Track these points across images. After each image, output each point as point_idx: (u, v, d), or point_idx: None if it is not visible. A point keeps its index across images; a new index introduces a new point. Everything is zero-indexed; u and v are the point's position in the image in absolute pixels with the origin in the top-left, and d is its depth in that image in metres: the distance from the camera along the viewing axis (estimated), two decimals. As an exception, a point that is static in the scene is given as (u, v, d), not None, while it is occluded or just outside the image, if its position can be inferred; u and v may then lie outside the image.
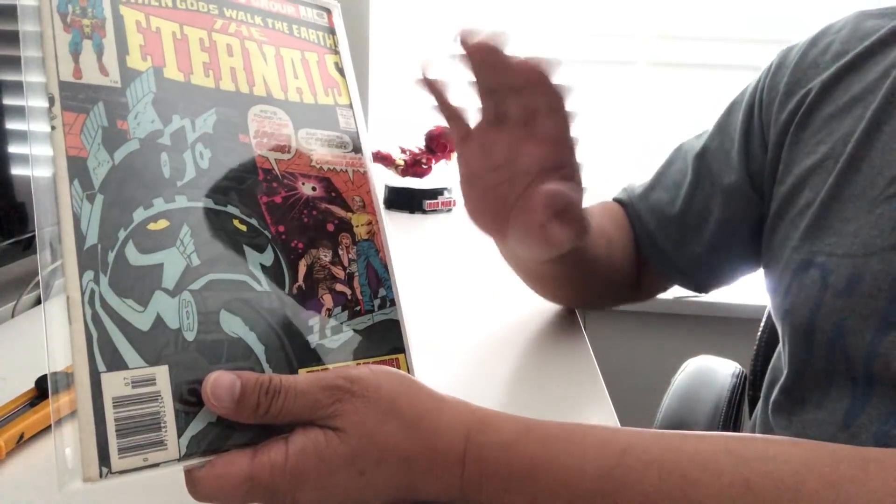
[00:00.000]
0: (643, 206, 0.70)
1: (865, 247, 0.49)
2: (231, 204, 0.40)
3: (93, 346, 0.34)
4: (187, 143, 0.39)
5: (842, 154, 0.53)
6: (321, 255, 0.43)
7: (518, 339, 0.68)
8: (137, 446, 0.34)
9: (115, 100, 0.37)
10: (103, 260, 0.35)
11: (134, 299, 0.35)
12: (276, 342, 0.39)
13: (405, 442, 0.38)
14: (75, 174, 0.35)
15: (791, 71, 0.60)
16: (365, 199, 0.47)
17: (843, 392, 0.50)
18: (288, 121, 0.44)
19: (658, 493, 0.36)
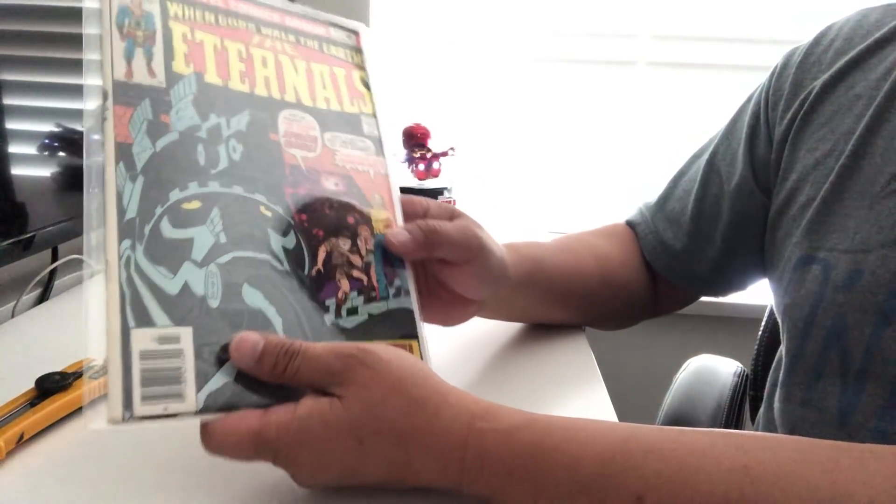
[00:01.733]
0: (659, 218, 0.71)
1: (866, 243, 0.50)
2: (259, 192, 0.44)
3: (125, 303, 0.37)
4: (222, 138, 0.44)
5: (843, 151, 0.53)
6: (340, 244, 0.46)
7: (518, 338, 0.68)
8: (159, 396, 0.37)
9: (160, 98, 0.42)
10: (140, 231, 0.39)
11: (165, 267, 0.39)
12: (293, 317, 0.42)
13: (406, 418, 0.39)
14: (121, 157, 0.40)
15: (795, 71, 0.61)
16: (384, 197, 0.50)
17: (832, 388, 0.51)
18: (315, 124, 0.48)
19: (658, 478, 0.36)
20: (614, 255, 0.71)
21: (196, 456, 0.47)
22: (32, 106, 0.74)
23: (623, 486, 0.37)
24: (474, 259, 0.52)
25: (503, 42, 1.52)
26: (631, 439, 0.38)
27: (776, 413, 0.57)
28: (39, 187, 0.74)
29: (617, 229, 0.75)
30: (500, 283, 0.57)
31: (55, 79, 0.77)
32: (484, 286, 0.55)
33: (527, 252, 0.62)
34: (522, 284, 0.60)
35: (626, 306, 0.72)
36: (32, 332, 0.71)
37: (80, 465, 0.46)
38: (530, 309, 0.67)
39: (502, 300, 0.60)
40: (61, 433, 0.50)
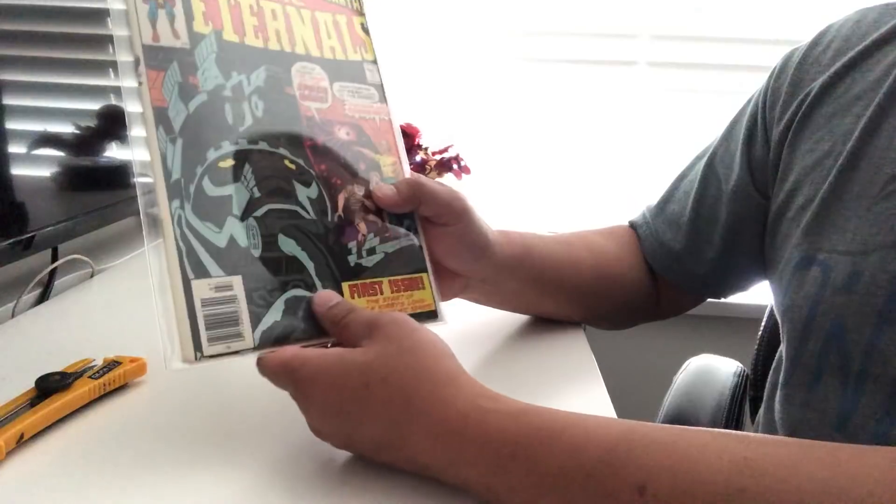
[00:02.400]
0: (660, 220, 0.72)
1: (865, 244, 0.50)
2: (282, 147, 0.48)
3: (183, 258, 0.42)
4: (245, 95, 0.47)
5: (842, 152, 0.53)
6: (356, 190, 0.51)
7: (517, 337, 0.68)
8: (222, 337, 0.42)
9: (186, 59, 0.45)
10: (186, 191, 0.43)
11: (211, 222, 0.43)
12: (322, 260, 0.48)
13: (414, 378, 0.41)
14: (160, 121, 0.43)
15: (793, 72, 0.61)
16: (390, 143, 0.55)
17: (832, 390, 0.50)
18: (324, 75, 0.52)
19: (660, 468, 0.36)
20: (610, 250, 0.71)
21: (196, 456, 0.47)
22: (32, 106, 0.74)
23: (625, 474, 0.37)
24: (456, 222, 0.55)
25: (503, 42, 1.52)
26: (633, 431, 0.39)
27: (777, 414, 0.57)
28: (39, 187, 0.74)
29: (618, 230, 0.75)
30: (482, 257, 0.58)
31: (55, 79, 0.77)
32: (463, 255, 0.56)
33: (517, 238, 0.63)
34: (510, 267, 0.61)
35: (624, 304, 0.72)
36: (32, 332, 0.71)
37: (80, 465, 0.46)
38: (520, 296, 0.67)
39: (488, 281, 0.61)
40: (61, 433, 0.50)
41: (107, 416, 0.52)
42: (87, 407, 0.53)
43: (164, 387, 0.57)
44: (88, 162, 0.83)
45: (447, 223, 0.54)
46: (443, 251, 0.55)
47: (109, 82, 0.86)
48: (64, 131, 0.78)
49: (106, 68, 0.86)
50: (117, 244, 1.01)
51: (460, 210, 0.54)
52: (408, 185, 0.52)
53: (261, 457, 0.47)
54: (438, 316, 0.54)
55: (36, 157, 0.74)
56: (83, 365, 0.55)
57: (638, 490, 0.36)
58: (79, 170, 0.82)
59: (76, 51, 0.81)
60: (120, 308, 0.78)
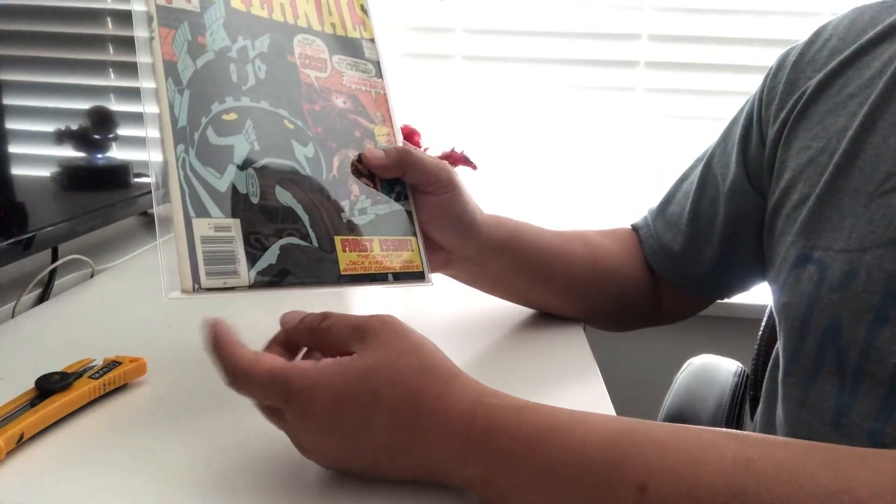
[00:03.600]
0: (660, 222, 0.72)
1: (861, 242, 0.50)
2: (282, 107, 0.51)
3: (185, 197, 0.44)
4: (249, 58, 0.50)
5: (837, 149, 0.53)
6: (350, 154, 0.54)
7: (517, 338, 0.68)
8: (219, 273, 0.44)
9: (196, 21, 0.48)
10: (191, 137, 0.45)
11: (213, 168, 0.45)
12: (317, 214, 0.50)
13: (418, 378, 0.41)
14: (169, 73, 0.45)
15: (789, 70, 0.61)
16: (385, 115, 0.57)
17: (828, 388, 0.51)
18: (324, 48, 0.55)
19: (661, 465, 0.36)
20: (607, 246, 0.71)
21: (196, 456, 0.47)
22: (32, 106, 0.74)
23: (626, 471, 0.37)
24: (442, 191, 0.56)
25: (503, 42, 1.52)
26: (634, 430, 0.39)
27: (776, 412, 0.57)
28: (39, 187, 0.74)
29: (620, 231, 0.76)
30: (467, 232, 0.59)
31: (55, 79, 0.77)
32: (448, 226, 0.58)
33: (508, 222, 0.64)
34: (496, 249, 0.62)
35: (619, 302, 0.72)
36: (32, 332, 0.71)
37: (80, 465, 0.46)
38: (506, 280, 0.67)
39: (472, 260, 0.62)
40: (61, 433, 0.50)
41: (107, 416, 0.52)
42: (87, 407, 0.53)
43: (164, 387, 0.57)
44: (88, 162, 0.83)
45: (433, 192, 0.56)
46: (427, 220, 0.57)
47: (109, 82, 0.86)
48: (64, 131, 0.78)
49: (106, 68, 0.86)
50: (117, 244, 1.01)
51: (446, 180, 0.56)
52: (396, 151, 0.55)
53: (261, 457, 0.47)
54: (425, 277, 0.56)
55: (36, 157, 0.74)
56: (83, 365, 0.55)
57: (639, 488, 0.36)
58: (79, 170, 0.82)
59: (76, 51, 0.81)
60: (120, 308, 0.78)
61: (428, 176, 0.56)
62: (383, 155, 0.54)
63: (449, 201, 0.57)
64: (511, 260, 0.64)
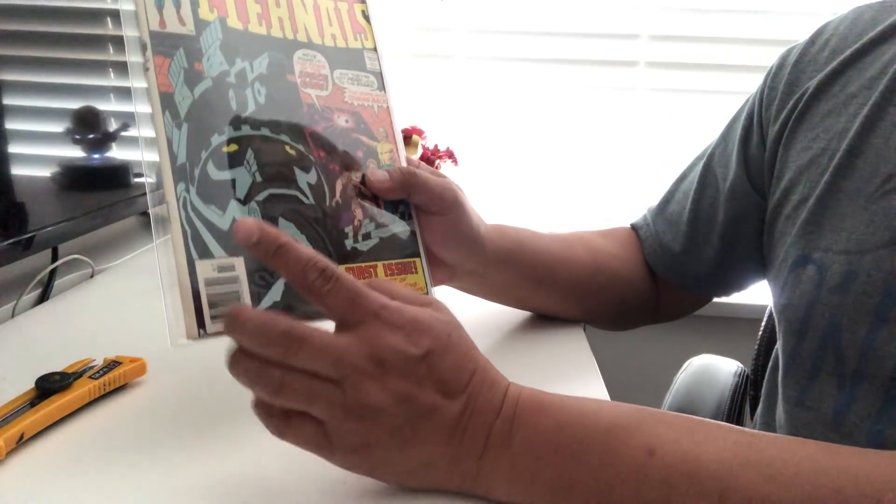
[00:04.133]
0: (660, 221, 0.72)
1: (860, 244, 0.50)
2: (283, 133, 0.49)
3: (188, 240, 0.43)
4: (248, 82, 0.48)
5: (837, 150, 0.53)
6: (353, 177, 0.52)
7: (517, 338, 0.68)
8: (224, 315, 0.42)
9: (192, 46, 0.46)
10: (191, 175, 0.44)
11: (215, 206, 0.44)
12: (321, 244, 0.49)
13: (468, 353, 0.42)
14: (166, 106, 0.44)
15: (790, 70, 0.61)
16: (388, 131, 0.56)
17: (827, 389, 0.51)
18: (325, 62, 0.53)
19: (669, 436, 0.39)
20: (608, 248, 0.71)
21: (196, 456, 0.47)
22: (32, 106, 0.74)
23: (637, 437, 0.39)
24: (447, 212, 0.55)
25: (503, 42, 1.52)
26: (643, 409, 0.42)
27: (778, 413, 0.57)
28: (39, 187, 0.74)
29: (619, 231, 0.76)
30: (472, 250, 0.58)
31: (55, 79, 0.77)
32: (453, 245, 0.57)
33: (510, 232, 0.64)
34: (500, 261, 0.61)
35: (621, 303, 0.72)
36: (32, 332, 0.71)
37: (80, 465, 0.46)
38: (511, 289, 0.67)
39: (476, 273, 0.61)
40: (61, 433, 0.50)
41: (107, 416, 0.52)
42: (87, 407, 0.53)
43: (164, 387, 0.57)
44: (88, 162, 0.83)
45: (438, 212, 0.55)
46: (432, 239, 0.56)
47: (109, 82, 0.86)
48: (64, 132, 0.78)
49: (106, 68, 0.86)
50: (117, 244, 1.01)
51: (451, 200, 0.55)
52: (400, 172, 0.53)
53: (261, 457, 0.47)
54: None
55: (36, 157, 0.74)
56: (83, 365, 0.55)
57: (648, 452, 0.39)
58: (79, 170, 0.82)
59: (76, 51, 0.81)
60: (120, 308, 0.78)
61: (433, 197, 0.54)
62: (387, 177, 0.53)
63: (454, 221, 0.56)
64: (515, 270, 0.64)
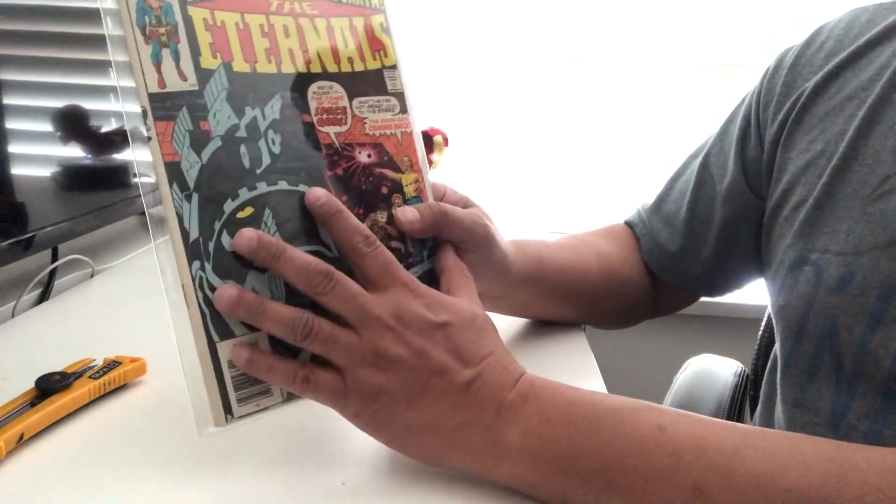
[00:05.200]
0: (655, 220, 0.72)
1: (857, 245, 0.50)
2: (302, 183, 0.45)
3: (207, 321, 0.40)
4: (260, 132, 0.44)
5: (835, 152, 0.53)
6: (378, 218, 0.49)
7: (518, 338, 0.68)
8: (250, 396, 0.41)
9: (195, 102, 0.42)
10: (205, 250, 0.41)
11: (233, 280, 0.41)
12: None
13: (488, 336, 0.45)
14: (173, 178, 0.41)
15: (787, 72, 0.61)
16: (412, 159, 0.52)
17: (825, 390, 0.51)
18: (343, 93, 0.49)
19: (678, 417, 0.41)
20: (615, 253, 0.71)
21: (196, 456, 0.47)
22: (32, 106, 0.74)
23: (648, 416, 0.41)
24: (478, 248, 0.53)
25: (503, 42, 1.52)
26: (649, 402, 0.43)
27: (777, 414, 0.57)
28: (39, 187, 0.74)
29: (617, 229, 0.75)
30: (500, 278, 0.57)
31: (55, 79, 0.77)
32: (483, 278, 0.55)
33: (531, 251, 0.63)
34: (522, 282, 0.61)
35: (626, 305, 0.72)
36: (32, 332, 0.71)
37: (79, 465, 0.46)
38: (530, 306, 0.67)
39: (498, 295, 0.61)
40: (61, 433, 0.50)
41: (107, 416, 0.52)
42: (87, 407, 0.53)
43: (164, 387, 0.57)
44: (88, 162, 0.83)
45: (469, 249, 0.53)
46: None
47: (109, 82, 0.86)
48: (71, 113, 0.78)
49: (106, 68, 0.86)
50: (117, 244, 1.01)
51: (483, 237, 0.53)
52: (431, 211, 0.50)
53: (260, 457, 0.47)
54: None
55: (36, 157, 0.74)
56: (83, 365, 0.55)
57: (658, 427, 0.40)
58: (79, 170, 0.82)
59: (76, 51, 0.81)
60: (120, 308, 0.78)
61: (465, 234, 0.52)
62: (418, 217, 0.49)
63: (485, 255, 0.54)
64: (535, 289, 0.63)
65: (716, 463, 0.38)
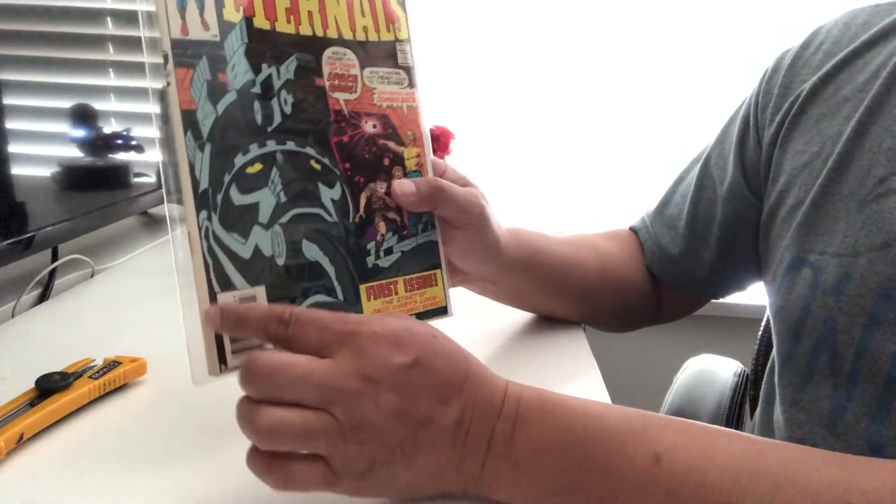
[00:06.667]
0: (658, 224, 0.72)
1: (854, 247, 0.50)
2: (308, 145, 0.46)
3: (209, 272, 0.41)
4: (274, 90, 0.45)
5: (831, 154, 0.53)
6: (378, 188, 0.50)
7: (517, 338, 0.68)
8: (244, 348, 0.42)
9: (216, 53, 0.43)
10: (213, 201, 0.42)
11: (238, 233, 0.42)
12: (342, 264, 0.47)
13: (457, 353, 0.42)
14: (188, 126, 0.41)
15: (784, 73, 0.61)
16: (416, 133, 0.53)
17: (823, 391, 0.51)
18: (355, 61, 0.50)
19: (675, 442, 0.39)
20: (615, 253, 0.71)
21: (196, 456, 0.47)
22: (32, 106, 0.74)
23: (642, 441, 0.39)
24: (471, 226, 0.54)
25: (504, 41, 1.52)
26: (648, 414, 0.41)
27: (776, 414, 0.57)
28: (39, 187, 0.74)
29: (621, 233, 0.76)
30: (490, 260, 0.57)
31: (55, 79, 0.77)
32: (473, 257, 0.56)
33: (526, 239, 0.63)
34: (515, 269, 0.61)
35: (625, 307, 0.72)
36: (32, 332, 0.71)
37: (79, 465, 0.46)
38: (521, 294, 0.67)
39: (490, 279, 0.61)
40: (61, 433, 0.50)
41: (107, 416, 0.52)
42: (87, 407, 0.53)
43: (164, 387, 0.57)
44: (88, 162, 0.83)
45: (463, 226, 0.53)
46: (454, 251, 0.55)
47: (109, 82, 0.86)
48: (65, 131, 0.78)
49: (106, 68, 0.86)
50: (117, 244, 1.01)
51: (477, 214, 0.54)
52: (428, 185, 0.51)
53: (261, 457, 0.47)
54: (448, 311, 0.54)
55: (36, 157, 0.74)
56: (83, 365, 0.55)
57: (654, 458, 0.38)
58: (79, 170, 0.82)
59: (76, 51, 0.81)
60: (120, 308, 0.78)
61: (459, 211, 0.53)
62: (414, 190, 0.50)
63: (478, 234, 0.55)
64: (528, 277, 0.63)
65: (715, 501, 0.37)
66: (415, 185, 0.50)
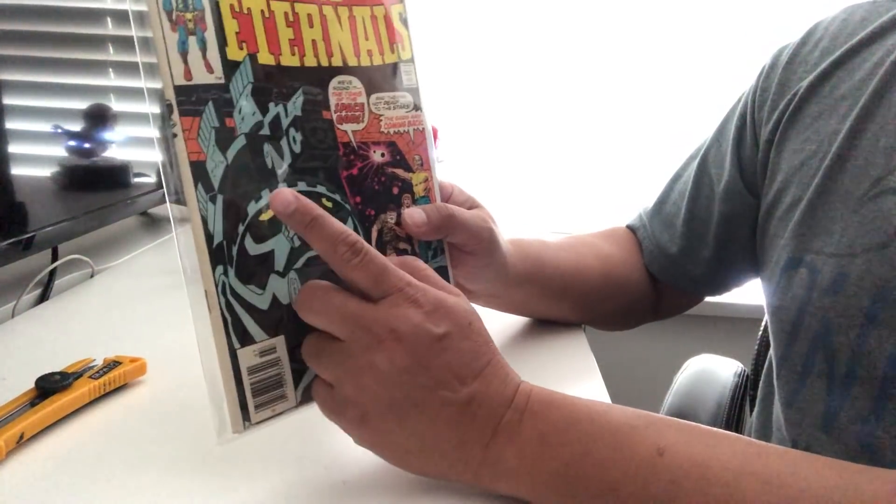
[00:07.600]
0: (655, 222, 0.72)
1: (851, 246, 0.49)
2: (319, 183, 0.45)
3: (228, 328, 0.40)
4: (282, 130, 0.43)
5: (828, 152, 0.53)
6: (388, 219, 0.49)
7: (517, 338, 0.68)
8: (267, 402, 0.41)
9: (221, 96, 0.40)
10: (229, 254, 0.40)
11: (255, 284, 0.41)
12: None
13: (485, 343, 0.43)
14: (198, 178, 0.39)
15: (782, 71, 0.61)
16: (422, 157, 0.52)
17: (818, 391, 0.51)
18: (361, 88, 0.48)
19: (678, 439, 0.39)
20: (615, 254, 0.71)
21: (196, 456, 0.47)
22: (32, 106, 0.74)
23: (646, 436, 0.39)
24: (481, 251, 0.53)
25: (504, 41, 1.52)
26: (650, 414, 0.42)
27: (775, 414, 0.57)
28: (39, 187, 0.74)
29: (619, 232, 0.76)
30: (498, 279, 0.57)
31: (55, 79, 0.77)
32: (482, 279, 0.56)
33: (530, 251, 0.63)
34: (521, 282, 0.61)
35: (627, 307, 0.72)
36: (32, 332, 0.71)
37: (80, 465, 0.46)
38: (527, 304, 0.67)
39: (495, 294, 0.61)
40: (61, 433, 0.50)
41: (107, 416, 0.52)
42: (87, 407, 0.53)
43: (164, 387, 0.57)
44: (88, 162, 0.83)
45: (473, 252, 0.53)
46: (463, 274, 0.54)
47: (109, 82, 0.86)
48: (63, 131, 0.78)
49: (106, 68, 0.86)
50: (117, 244, 1.01)
51: (488, 240, 0.53)
52: (439, 213, 0.50)
53: (261, 456, 0.47)
54: None
55: (36, 157, 0.74)
56: (83, 365, 0.55)
57: (657, 451, 0.39)
58: (79, 170, 0.82)
59: (76, 51, 0.81)
60: (120, 308, 0.78)
61: (470, 237, 0.52)
62: (425, 220, 0.49)
63: (488, 258, 0.54)
64: (532, 289, 0.63)
65: (716, 495, 0.37)
66: (426, 215, 0.49)
